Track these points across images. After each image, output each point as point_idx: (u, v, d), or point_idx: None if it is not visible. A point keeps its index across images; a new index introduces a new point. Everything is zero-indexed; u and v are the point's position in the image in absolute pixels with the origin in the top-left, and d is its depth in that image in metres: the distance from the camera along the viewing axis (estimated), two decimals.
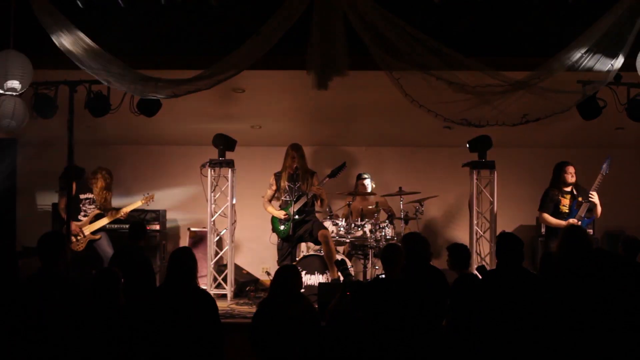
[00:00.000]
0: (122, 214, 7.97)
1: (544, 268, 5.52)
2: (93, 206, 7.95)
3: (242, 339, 5.35)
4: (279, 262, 7.78)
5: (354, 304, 5.23)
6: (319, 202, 7.90)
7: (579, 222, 7.26)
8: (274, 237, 7.93)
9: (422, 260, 5.56)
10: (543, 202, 7.62)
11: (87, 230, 7.84)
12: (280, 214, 7.73)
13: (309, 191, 7.64)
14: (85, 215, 7.91)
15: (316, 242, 7.82)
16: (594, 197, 7.30)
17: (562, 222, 7.35)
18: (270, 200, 7.96)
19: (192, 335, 4.68)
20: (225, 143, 8.36)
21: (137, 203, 8.12)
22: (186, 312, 4.72)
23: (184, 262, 4.91)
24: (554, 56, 5.66)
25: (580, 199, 7.41)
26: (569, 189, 7.53)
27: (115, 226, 8.34)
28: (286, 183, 7.76)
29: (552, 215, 7.49)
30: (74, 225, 7.63)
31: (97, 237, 7.88)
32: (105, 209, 7.97)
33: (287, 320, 4.90)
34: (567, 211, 7.46)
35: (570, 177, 7.49)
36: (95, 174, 7.98)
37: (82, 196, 7.97)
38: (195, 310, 4.76)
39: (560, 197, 7.52)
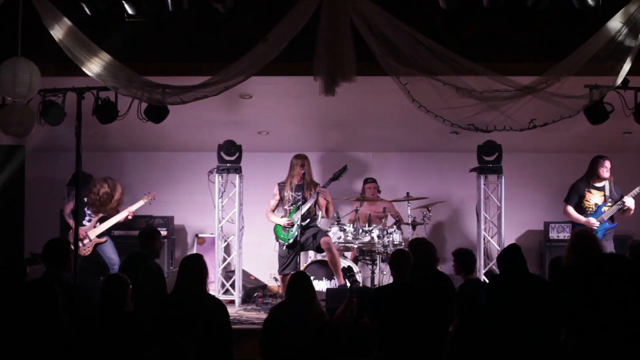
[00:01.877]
0: (128, 214, 7.95)
1: (552, 273, 5.50)
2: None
3: (250, 345, 5.35)
4: (280, 271, 7.77)
5: (361, 310, 5.22)
6: (323, 209, 7.85)
7: (597, 225, 7.23)
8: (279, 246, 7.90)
9: (429, 265, 5.55)
10: (569, 194, 7.56)
11: (93, 234, 7.83)
12: (283, 221, 7.70)
13: (312, 197, 7.62)
14: (89, 220, 7.90)
15: (318, 250, 7.78)
16: (628, 202, 7.28)
17: (582, 218, 7.33)
18: (274, 210, 7.92)
19: (203, 342, 4.68)
20: (232, 149, 8.37)
21: (139, 203, 8.08)
22: (197, 319, 4.72)
23: (195, 269, 4.91)
24: (561, 61, 5.65)
25: (609, 202, 7.37)
26: (601, 184, 7.46)
27: (124, 233, 8.36)
28: (290, 193, 7.74)
29: (575, 208, 7.45)
30: (80, 229, 7.61)
31: (103, 240, 7.87)
32: (106, 212, 7.95)
33: (301, 326, 4.90)
34: (591, 207, 7.39)
35: (605, 171, 7.41)
36: (101, 182, 7.96)
37: (86, 199, 7.90)
38: (207, 317, 4.76)
39: (586, 192, 7.44)
